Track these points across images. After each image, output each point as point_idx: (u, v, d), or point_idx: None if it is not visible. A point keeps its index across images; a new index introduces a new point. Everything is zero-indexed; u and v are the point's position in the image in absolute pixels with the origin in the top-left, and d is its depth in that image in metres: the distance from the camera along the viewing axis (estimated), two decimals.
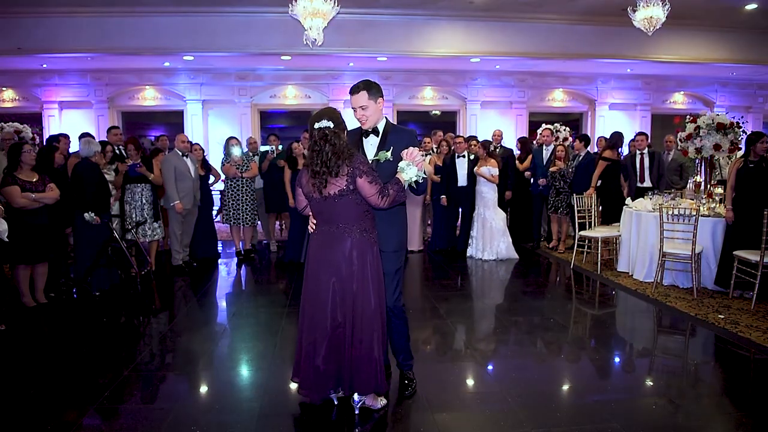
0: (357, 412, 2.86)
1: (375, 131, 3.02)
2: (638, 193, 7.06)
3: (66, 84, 10.73)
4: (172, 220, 6.40)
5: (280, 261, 6.96)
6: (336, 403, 2.93)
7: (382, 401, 2.92)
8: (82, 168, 5.30)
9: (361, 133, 3.06)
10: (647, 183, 7.37)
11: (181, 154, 6.43)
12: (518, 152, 8.25)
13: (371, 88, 2.93)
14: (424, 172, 2.81)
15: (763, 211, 4.55)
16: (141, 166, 5.96)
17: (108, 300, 5.20)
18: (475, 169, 6.97)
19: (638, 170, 7.43)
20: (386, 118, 3.10)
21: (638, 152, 7.47)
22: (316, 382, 2.81)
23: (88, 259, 5.27)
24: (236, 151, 6.88)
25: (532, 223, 7.83)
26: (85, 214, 5.16)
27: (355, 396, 2.87)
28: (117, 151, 6.25)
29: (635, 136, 7.64)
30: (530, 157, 7.77)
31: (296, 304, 5.07)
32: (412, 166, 2.75)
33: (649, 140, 7.62)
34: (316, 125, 2.77)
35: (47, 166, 5.13)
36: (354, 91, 2.96)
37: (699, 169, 7.07)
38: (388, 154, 2.83)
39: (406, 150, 2.79)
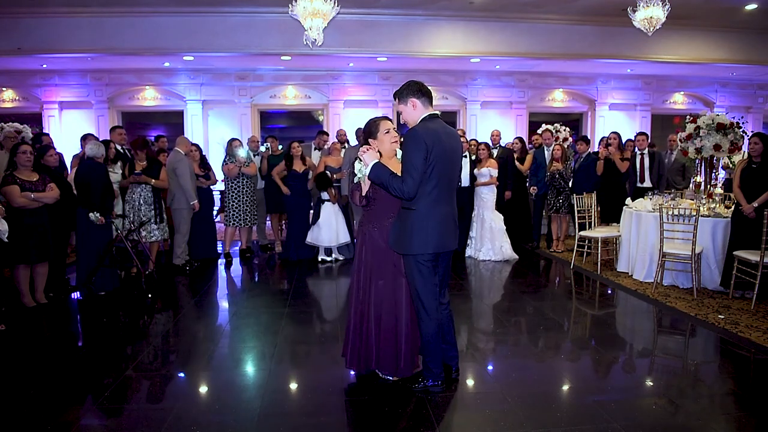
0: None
1: None
2: (638, 193, 7.06)
3: (66, 84, 10.73)
4: (181, 221, 6.41)
5: (285, 260, 6.97)
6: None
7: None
8: (89, 168, 5.29)
9: None
10: (647, 183, 7.38)
11: (183, 153, 6.49)
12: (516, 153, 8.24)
13: (399, 94, 3.06)
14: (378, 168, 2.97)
15: (763, 211, 4.55)
16: (140, 174, 5.94)
17: (109, 300, 5.20)
18: (475, 172, 6.97)
19: (638, 170, 7.44)
20: (427, 117, 3.00)
21: (638, 152, 7.48)
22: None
23: (91, 260, 5.26)
24: (241, 153, 6.89)
25: (531, 223, 7.83)
26: (90, 214, 5.16)
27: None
28: (121, 150, 6.25)
29: (635, 136, 7.65)
30: (529, 157, 7.76)
31: (296, 304, 5.09)
32: (358, 162, 3.08)
33: (649, 140, 7.63)
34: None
35: (43, 166, 5.11)
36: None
37: (699, 169, 7.07)
38: (359, 166, 3.10)
39: None
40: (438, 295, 3.12)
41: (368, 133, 3.19)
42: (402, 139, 3.14)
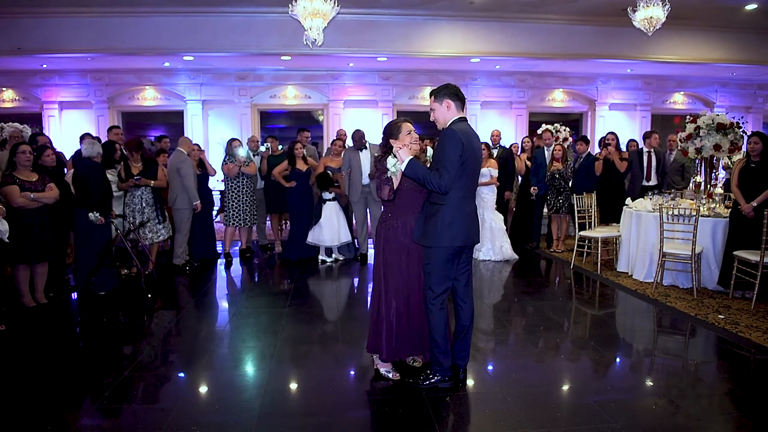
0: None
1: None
2: (644, 192, 7.06)
3: (66, 84, 10.73)
4: (182, 221, 6.41)
5: (285, 260, 6.96)
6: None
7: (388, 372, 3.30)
8: (87, 168, 5.28)
9: None
10: (653, 181, 7.39)
11: (186, 154, 6.49)
12: (520, 152, 8.24)
13: (436, 92, 3.18)
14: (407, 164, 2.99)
15: (763, 211, 4.55)
16: (140, 178, 5.93)
17: (109, 300, 5.19)
18: None
19: (645, 169, 7.45)
20: (457, 119, 3.14)
21: (645, 151, 7.49)
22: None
23: (91, 260, 5.26)
24: (241, 152, 6.89)
25: (532, 223, 7.82)
26: (90, 214, 5.15)
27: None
28: (123, 150, 6.25)
29: (647, 134, 7.66)
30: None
31: (296, 304, 5.09)
32: (392, 158, 3.09)
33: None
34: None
35: (40, 166, 5.10)
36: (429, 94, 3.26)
37: (699, 169, 7.08)
38: (393, 162, 3.07)
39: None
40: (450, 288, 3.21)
41: (389, 134, 3.24)
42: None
